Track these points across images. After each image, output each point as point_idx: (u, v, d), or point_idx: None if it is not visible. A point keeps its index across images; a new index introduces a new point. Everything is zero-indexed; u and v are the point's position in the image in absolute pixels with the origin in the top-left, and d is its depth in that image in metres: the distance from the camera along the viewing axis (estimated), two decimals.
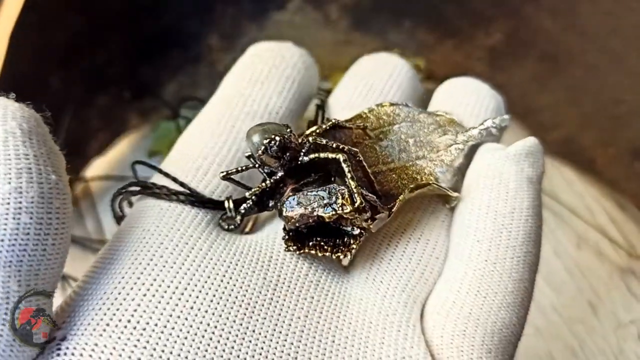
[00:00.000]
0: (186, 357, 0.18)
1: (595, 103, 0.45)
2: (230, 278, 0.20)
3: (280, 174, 0.22)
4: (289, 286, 0.21)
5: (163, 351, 0.18)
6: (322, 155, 0.22)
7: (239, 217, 0.23)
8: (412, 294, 0.22)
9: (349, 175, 0.21)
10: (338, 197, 0.21)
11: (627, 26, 0.43)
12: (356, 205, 0.21)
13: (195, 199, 0.22)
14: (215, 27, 0.47)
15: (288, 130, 0.22)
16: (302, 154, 0.22)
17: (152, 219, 0.22)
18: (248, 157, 0.23)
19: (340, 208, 0.21)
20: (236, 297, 0.20)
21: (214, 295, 0.20)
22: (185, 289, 0.20)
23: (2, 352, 0.17)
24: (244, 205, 0.23)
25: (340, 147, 0.22)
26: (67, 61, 0.41)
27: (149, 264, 0.20)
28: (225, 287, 0.20)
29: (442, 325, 0.21)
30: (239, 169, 0.23)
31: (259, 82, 0.25)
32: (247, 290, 0.20)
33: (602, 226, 0.43)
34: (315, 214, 0.21)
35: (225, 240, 0.22)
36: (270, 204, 0.23)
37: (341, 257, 0.22)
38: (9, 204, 0.17)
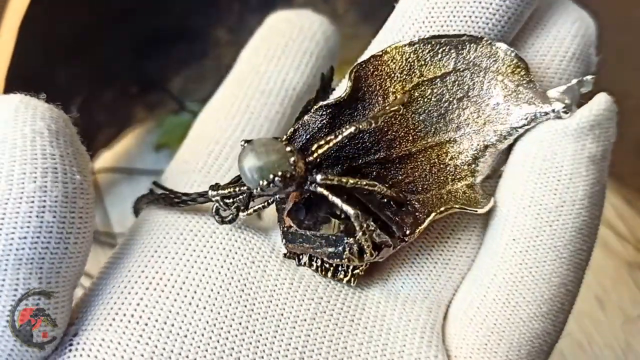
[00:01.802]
0: (187, 357, 0.18)
1: None
2: (228, 269, 0.20)
3: (281, 196, 0.20)
4: (291, 283, 0.20)
5: (164, 348, 0.18)
6: (332, 199, 0.19)
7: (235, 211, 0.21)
8: (436, 299, 0.20)
9: (360, 233, 0.19)
10: (345, 250, 0.19)
11: (635, 19, 0.43)
12: (365, 257, 0.19)
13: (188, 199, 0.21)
14: (221, 21, 0.46)
15: (291, 157, 0.19)
16: (309, 181, 0.19)
17: (162, 211, 0.21)
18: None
19: (346, 261, 0.19)
20: (234, 293, 0.19)
21: (212, 290, 0.19)
22: (184, 282, 0.19)
23: (6, 353, 0.17)
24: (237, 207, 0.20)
25: (357, 184, 0.19)
26: (74, 55, 0.41)
27: (153, 256, 0.20)
28: (223, 281, 0.19)
29: (462, 335, 0.19)
30: (231, 190, 0.20)
31: (275, 58, 0.24)
32: (245, 285, 0.19)
33: (609, 221, 0.43)
34: (318, 257, 0.20)
35: (228, 227, 0.21)
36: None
37: (344, 281, 0.20)
38: (33, 202, 0.17)
